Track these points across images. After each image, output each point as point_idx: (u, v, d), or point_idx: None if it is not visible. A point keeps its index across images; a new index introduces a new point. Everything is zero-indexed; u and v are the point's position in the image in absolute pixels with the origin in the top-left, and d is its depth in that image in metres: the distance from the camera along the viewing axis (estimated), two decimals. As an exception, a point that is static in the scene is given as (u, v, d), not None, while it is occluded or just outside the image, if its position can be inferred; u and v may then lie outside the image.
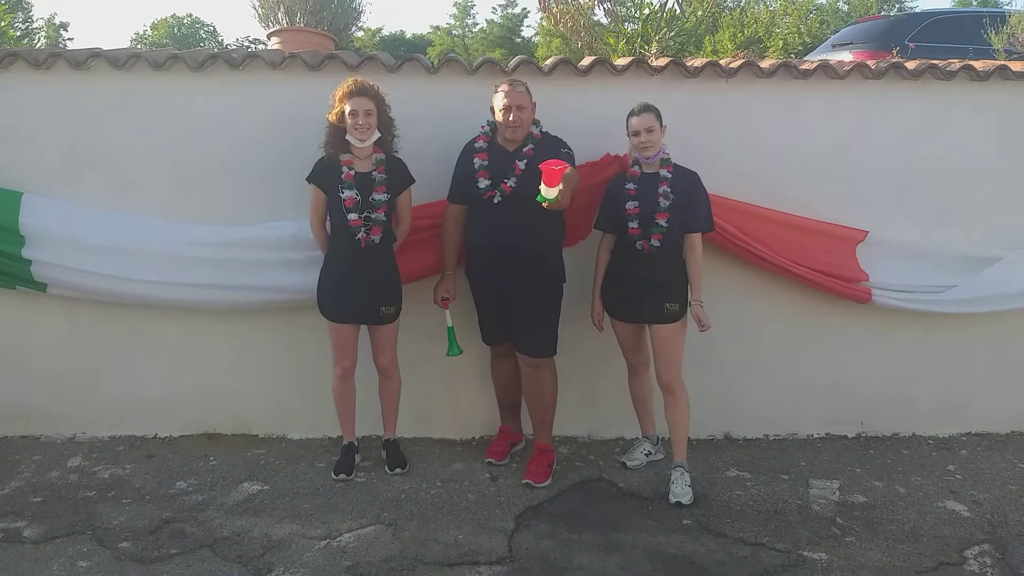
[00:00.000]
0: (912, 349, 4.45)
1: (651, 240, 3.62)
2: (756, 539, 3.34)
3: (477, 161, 3.69)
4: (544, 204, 3.33)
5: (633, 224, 3.64)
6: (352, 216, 3.58)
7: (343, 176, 3.61)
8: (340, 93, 3.61)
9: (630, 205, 3.65)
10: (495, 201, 3.64)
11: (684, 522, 3.47)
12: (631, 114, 3.66)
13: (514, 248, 3.66)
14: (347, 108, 3.56)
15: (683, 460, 3.75)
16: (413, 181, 3.77)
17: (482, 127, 3.80)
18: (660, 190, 3.63)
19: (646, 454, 4.07)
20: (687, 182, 3.68)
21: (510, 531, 3.37)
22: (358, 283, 3.66)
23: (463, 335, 3.99)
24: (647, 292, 3.67)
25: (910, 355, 4.46)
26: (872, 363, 4.45)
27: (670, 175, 3.66)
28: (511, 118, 3.59)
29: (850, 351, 4.43)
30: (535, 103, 3.71)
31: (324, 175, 3.66)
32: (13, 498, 3.61)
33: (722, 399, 4.35)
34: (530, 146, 3.67)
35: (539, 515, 3.53)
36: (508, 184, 3.62)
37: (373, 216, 3.61)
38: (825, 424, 4.50)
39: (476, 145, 3.74)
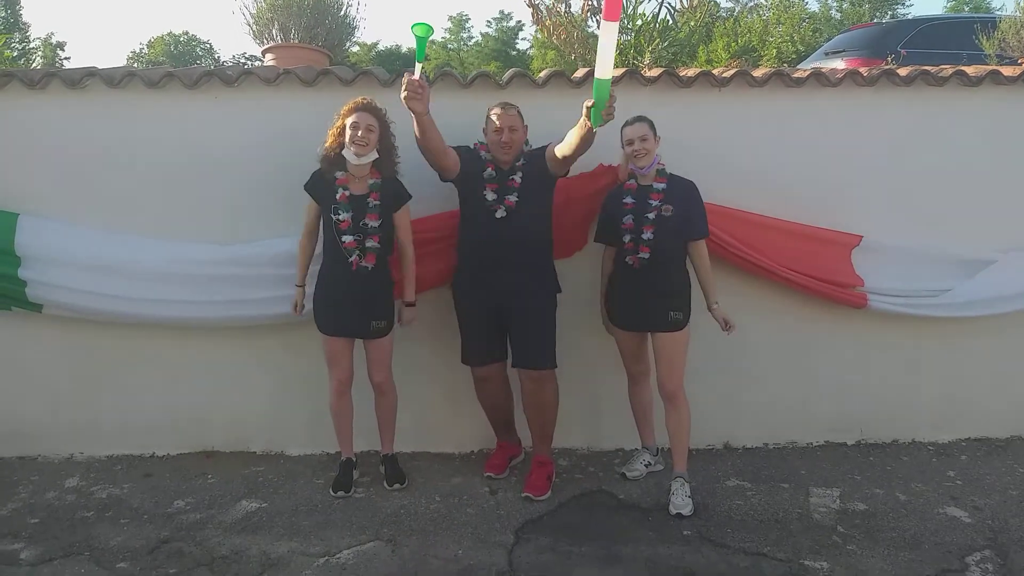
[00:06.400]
0: (910, 355, 4.45)
1: (639, 253, 3.63)
2: (757, 549, 3.33)
3: (488, 172, 3.70)
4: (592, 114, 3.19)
5: (627, 238, 3.66)
6: (347, 238, 3.58)
7: (338, 197, 3.60)
8: (345, 109, 3.61)
9: (625, 219, 3.67)
10: (498, 216, 3.66)
11: (684, 533, 3.46)
12: (625, 124, 3.67)
13: (513, 260, 3.68)
14: (348, 121, 3.56)
15: (683, 470, 3.73)
16: (409, 197, 3.76)
17: (476, 143, 3.81)
18: (649, 203, 3.64)
19: (646, 465, 4.06)
20: (683, 191, 3.68)
21: (510, 545, 3.36)
22: (350, 298, 3.65)
23: (448, 354, 3.98)
24: (651, 301, 3.67)
25: (908, 361, 4.46)
26: (870, 369, 4.44)
27: (662, 187, 3.67)
28: (504, 139, 3.63)
29: (848, 358, 4.43)
30: (527, 126, 3.75)
31: (320, 187, 3.66)
32: (10, 519, 3.59)
33: (721, 408, 4.35)
34: (522, 160, 3.72)
35: (539, 528, 3.51)
36: (511, 199, 3.66)
37: (368, 244, 3.60)
38: (824, 432, 4.49)
39: (483, 155, 3.75)
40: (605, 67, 3.02)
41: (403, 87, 3.27)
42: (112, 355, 4.22)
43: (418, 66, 3.28)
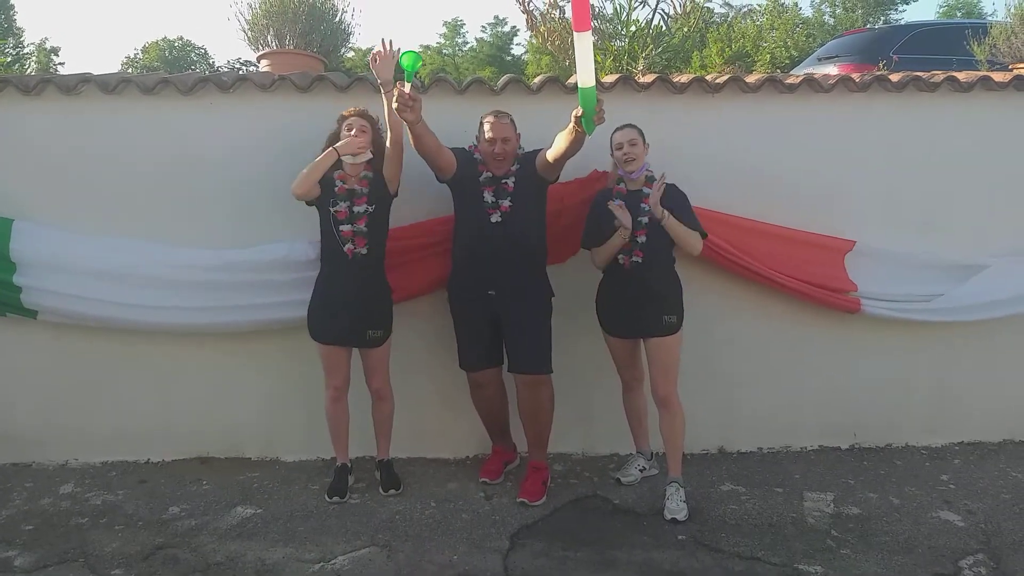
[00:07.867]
0: (903, 359, 4.47)
1: (632, 256, 3.64)
2: (751, 553, 3.33)
3: (485, 175, 3.72)
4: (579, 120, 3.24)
5: (616, 242, 3.66)
6: (344, 227, 3.62)
7: (336, 190, 3.65)
8: (339, 119, 3.73)
9: (615, 223, 3.67)
10: (493, 220, 3.68)
11: (679, 537, 3.46)
12: (615, 130, 3.69)
13: (508, 264, 3.69)
14: (344, 125, 3.66)
15: (678, 475, 3.74)
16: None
17: (471, 146, 3.83)
18: (640, 207, 3.65)
19: (640, 470, 4.06)
20: (670, 196, 3.68)
21: (505, 550, 3.36)
22: (346, 304, 3.66)
23: (443, 360, 3.98)
24: (644, 306, 3.67)
25: (901, 365, 4.47)
26: (864, 374, 4.46)
27: (651, 192, 3.67)
28: (496, 150, 3.65)
29: (842, 362, 4.45)
30: (519, 133, 3.77)
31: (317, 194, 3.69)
32: (4, 527, 3.58)
33: (715, 412, 4.35)
34: (516, 166, 3.74)
35: (534, 533, 3.52)
36: (505, 204, 3.68)
37: (355, 227, 3.64)
38: (818, 436, 4.50)
39: (477, 157, 3.77)
40: (587, 75, 3.06)
41: (394, 99, 3.30)
42: (107, 361, 4.21)
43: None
